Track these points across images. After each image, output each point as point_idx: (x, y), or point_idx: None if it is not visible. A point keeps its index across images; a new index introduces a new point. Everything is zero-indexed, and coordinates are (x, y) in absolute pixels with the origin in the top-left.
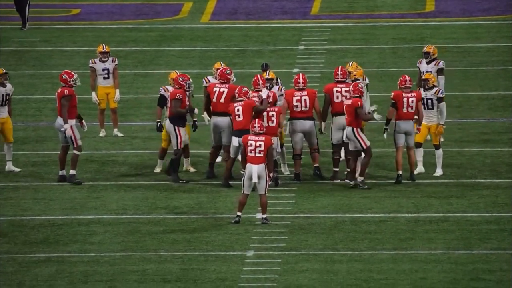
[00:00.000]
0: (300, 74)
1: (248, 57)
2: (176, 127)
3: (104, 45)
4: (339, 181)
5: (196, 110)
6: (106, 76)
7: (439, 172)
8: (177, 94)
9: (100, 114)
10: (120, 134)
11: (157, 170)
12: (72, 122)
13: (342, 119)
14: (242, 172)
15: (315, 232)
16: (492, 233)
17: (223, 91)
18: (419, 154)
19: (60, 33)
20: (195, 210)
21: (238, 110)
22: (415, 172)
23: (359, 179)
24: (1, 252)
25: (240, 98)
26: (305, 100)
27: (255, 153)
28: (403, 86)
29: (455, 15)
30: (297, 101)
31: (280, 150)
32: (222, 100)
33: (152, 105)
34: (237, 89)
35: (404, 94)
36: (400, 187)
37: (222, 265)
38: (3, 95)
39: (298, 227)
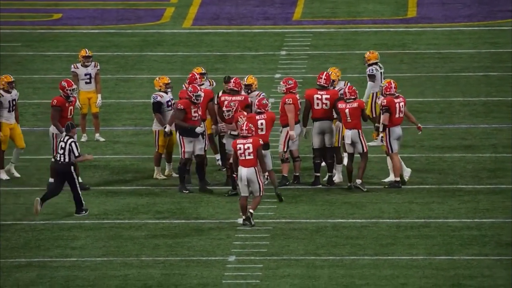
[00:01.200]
0: (286, 79)
1: (230, 62)
2: (181, 137)
3: (87, 49)
4: (320, 186)
5: (199, 129)
6: (88, 81)
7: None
8: (179, 105)
9: (82, 119)
10: (101, 139)
11: (160, 176)
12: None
13: (323, 124)
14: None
15: (296, 237)
16: (473, 239)
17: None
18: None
19: (42, 37)
20: (177, 215)
21: (261, 124)
22: (406, 177)
23: (358, 181)
24: None
25: (259, 110)
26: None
27: (244, 156)
28: (389, 92)
29: (437, 21)
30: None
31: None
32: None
33: (134, 110)
34: (257, 101)
35: (395, 100)
36: (381, 193)
37: (203, 270)
38: (9, 101)
39: (279, 233)
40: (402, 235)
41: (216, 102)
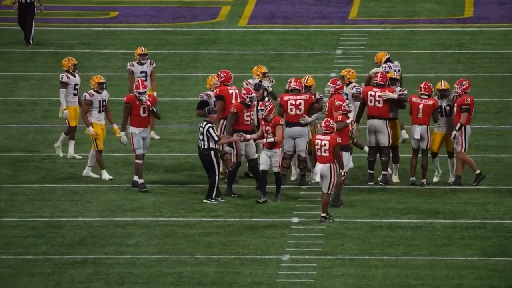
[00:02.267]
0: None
1: (285, 61)
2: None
3: (142, 47)
4: (373, 183)
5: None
6: (143, 78)
7: (453, 179)
8: (232, 108)
9: None
10: (157, 137)
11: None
12: (135, 130)
13: (376, 122)
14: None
15: (351, 237)
16: None
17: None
18: (435, 164)
19: (98, 35)
20: (231, 214)
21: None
22: (435, 180)
23: (424, 180)
24: (38, 253)
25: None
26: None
27: (320, 152)
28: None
29: (494, 20)
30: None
31: (307, 156)
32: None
33: (189, 108)
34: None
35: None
36: (436, 193)
37: (257, 269)
38: (99, 101)
39: (334, 232)
40: (457, 235)
41: (279, 105)
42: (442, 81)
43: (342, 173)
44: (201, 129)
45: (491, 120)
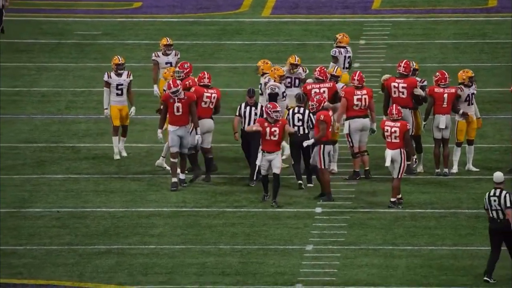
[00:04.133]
0: (358, 71)
1: (308, 51)
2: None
3: (168, 38)
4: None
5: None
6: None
7: (471, 167)
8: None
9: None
10: (124, 153)
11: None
12: (170, 128)
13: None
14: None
15: (374, 227)
16: None
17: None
18: (457, 153)
19: (122, 26)
20: (254, 204)
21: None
22: (454, 171)
23: (446, 170)
24: (62, 243)
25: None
26: (364, 98)
27: (391, 138)
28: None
29: None
30: (357, 100)
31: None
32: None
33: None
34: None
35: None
36: (460, 183)
37: (281, 259)
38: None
39: (357, 222)
40: (481, 225)
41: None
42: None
43: (331, 169)
44: (299, 115)
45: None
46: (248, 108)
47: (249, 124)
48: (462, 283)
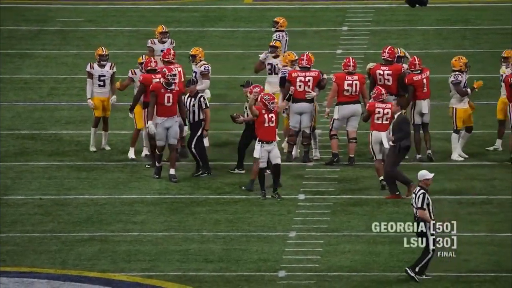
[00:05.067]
0: (350, 57)
1: (291, 38)
2: None
3: (164, 26)
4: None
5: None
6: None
7: (462, 154)
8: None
9: None
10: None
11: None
12: (158, 120)
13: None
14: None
15: (357, 213)
16: None
17: (309, 79)
18: (456, 140)
19: (104, 13)
20: (237, 191)
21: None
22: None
23: (429, 152)
24: (45, 230)
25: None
26: (356, 84)
27: (382, 120)
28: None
29: None
30: (348, 85)
31: (312, 133)
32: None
33: None
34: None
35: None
36: (443, 169)
37: (264, 245)
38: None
39: (340, 209)
40: (464, 211)
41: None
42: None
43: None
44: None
45: (498, 96)
46: (188, 99)
47: (192, 114)
48: (444, 268)
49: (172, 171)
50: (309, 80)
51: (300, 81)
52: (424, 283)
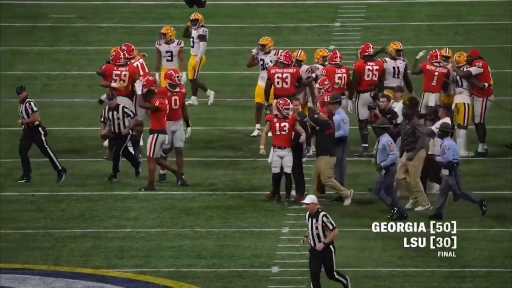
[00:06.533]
0: (337, 51)
1: (283, 34)
2: None
3: (170, 27)
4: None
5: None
6: (169, 58)
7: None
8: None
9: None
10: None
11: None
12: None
13: (367, 96)
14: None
15: (349, 209)
16: None
17: (287, 76)
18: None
19: (97, 9)
20: (230, 187)
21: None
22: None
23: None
24: (38, 227)
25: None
26: (344, 77)
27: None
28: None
29: None
30: (338, 78)
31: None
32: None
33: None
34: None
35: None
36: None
37: (257, 241)
38: None
39: (333, 204)
40: (456, 207)
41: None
42: (446, 49)
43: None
44: None
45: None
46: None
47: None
48: (437, 265)
49: (162, 171)
50: (286, 77)
51: (278, 77)
52: (417, 278)
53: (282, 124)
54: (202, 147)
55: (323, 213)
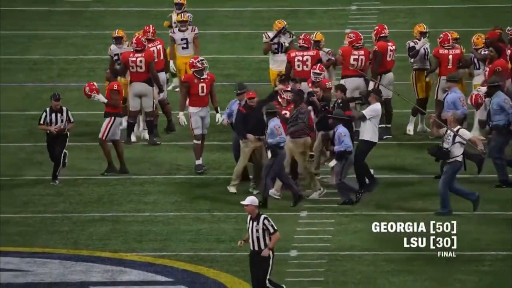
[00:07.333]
0: (359, 33)
1: (300, 17)
2: None
3: (183, 15)
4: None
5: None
6: (185, 45)
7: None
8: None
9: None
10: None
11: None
12: (193, 109)
13: (391, 76)
14: None
15: (368, 192)
16: None
17: (307, 59)
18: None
19: None
20: (248, 171)
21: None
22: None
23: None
24: (57, 211)
25: None
26: (361, 59)
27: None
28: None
29: None
30: (354, 60)
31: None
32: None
33: None
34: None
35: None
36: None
37: (275, 225)
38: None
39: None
40: (476, 190)
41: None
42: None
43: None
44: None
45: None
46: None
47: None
48: (461, 244)
49: (199, 161)
50: (307, 60)
51: (298, 60)
52: (435, 261)
53: (284, 112)
54: (220, 131)
55: (264, 215)
